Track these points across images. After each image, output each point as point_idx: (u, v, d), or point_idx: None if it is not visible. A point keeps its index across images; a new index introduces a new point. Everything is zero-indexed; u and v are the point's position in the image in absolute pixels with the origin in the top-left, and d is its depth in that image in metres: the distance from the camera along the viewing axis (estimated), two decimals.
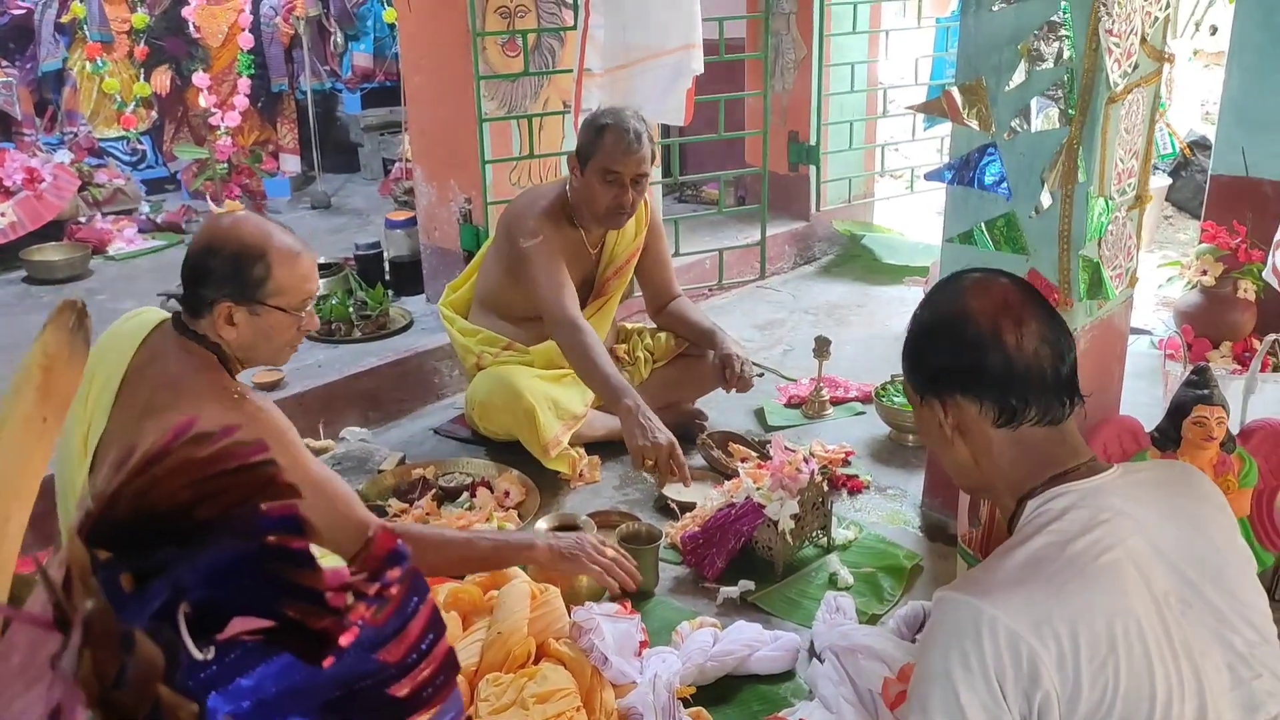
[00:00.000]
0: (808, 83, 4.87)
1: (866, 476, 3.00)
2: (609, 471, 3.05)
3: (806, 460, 2.61)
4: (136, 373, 1.86)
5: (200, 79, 5.61)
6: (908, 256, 4.88)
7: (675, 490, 2.86)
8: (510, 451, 3.04)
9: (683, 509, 2.76)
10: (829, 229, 5.14)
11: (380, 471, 3.00)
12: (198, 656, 0.52)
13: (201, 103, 5.64)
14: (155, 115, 5.87)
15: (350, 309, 3.78)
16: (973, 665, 1.17)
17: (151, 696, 0.47)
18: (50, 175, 4.85)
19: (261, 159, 5.88)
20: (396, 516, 2.72)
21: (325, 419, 3.27)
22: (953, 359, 1.38)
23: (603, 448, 3.09)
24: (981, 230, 2.39)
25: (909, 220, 5.51)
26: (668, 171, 4.36)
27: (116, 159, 5.80)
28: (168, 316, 1.94)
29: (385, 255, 4.20)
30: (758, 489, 2.56)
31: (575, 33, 3.49)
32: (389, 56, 6.17)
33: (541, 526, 2.47)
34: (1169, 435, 2.33)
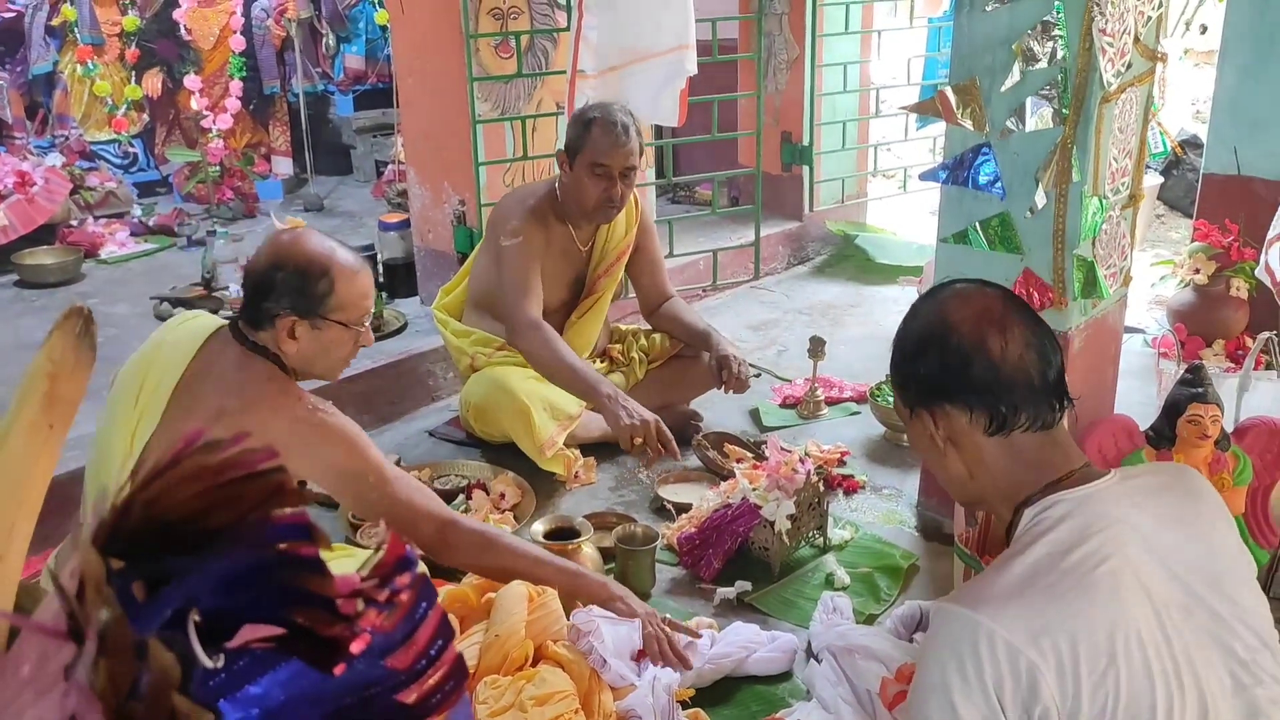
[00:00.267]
0: (800, 83, 4.87)
1: (862, 476, 3.00)
2: (605, 473, 3.05)
3: (802, 460, 2.62)
4: (195, 379, 1.90)
5: (192, 81, 5.60)
6: (901, 256, 4.89)
7: (671, 491, 2.87)
8: (506, 453, 3.04)
9: (679, 510, 2.75)
10: (822, 229, 5.14)
11: None
12: (208, 665, 0.52)
13: (193, 105, 5.63)
14: (147, 118, 5.86)
15: None
16: (971, 678, 1.16)
17: (168, 706, 0.47)
18: (41, 179, 4.82)
19: (253, 161, 5.87)
20: None
21: None
22: (939, 369, 1.38)
23: (598, 449, 3.09)
24: (976, 230, 2.39)
25: (902, 220, 5.52)
26: (661, 172, 4.36)
27: (108, 162, 5.78)
28: (223, 324, 1.99)
29: (378, 258, 4.20)
30: (754, 490, 2.56)
31: (568, 34, 3.49)
32: (381, 58, 6.16)
33: (538, 529, 2.47)
34: (1164, 434, 2.35)
